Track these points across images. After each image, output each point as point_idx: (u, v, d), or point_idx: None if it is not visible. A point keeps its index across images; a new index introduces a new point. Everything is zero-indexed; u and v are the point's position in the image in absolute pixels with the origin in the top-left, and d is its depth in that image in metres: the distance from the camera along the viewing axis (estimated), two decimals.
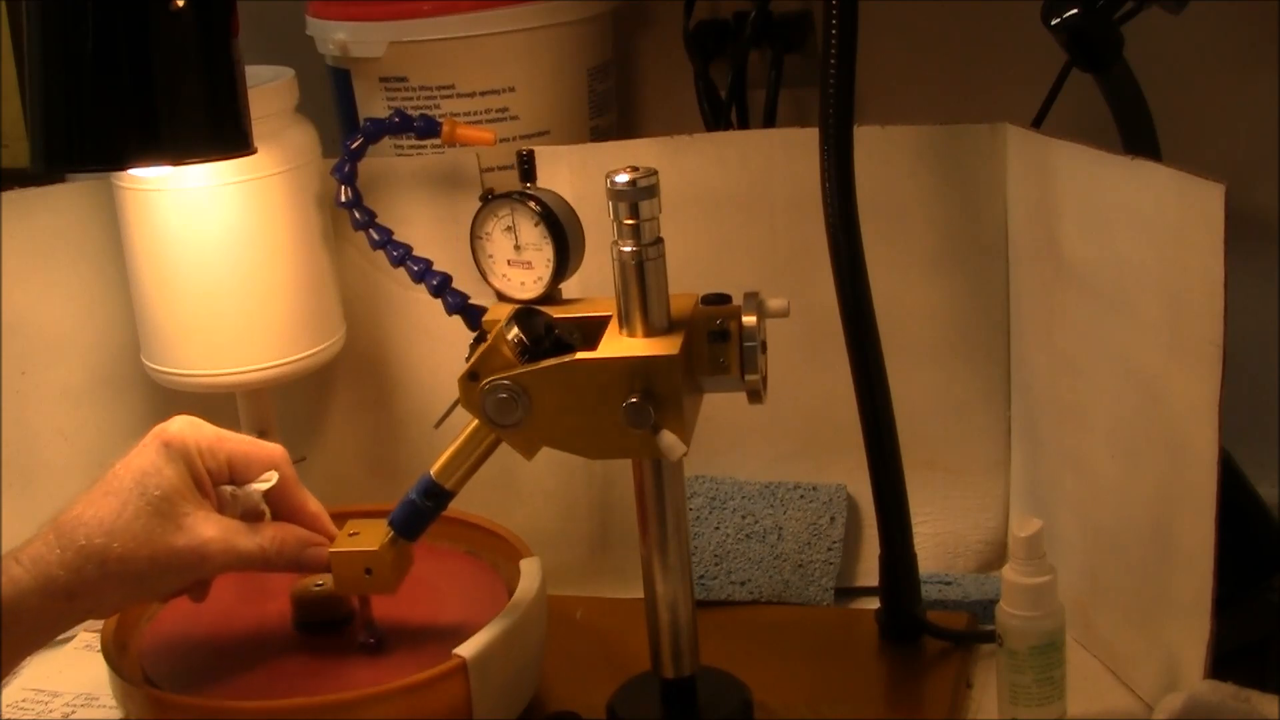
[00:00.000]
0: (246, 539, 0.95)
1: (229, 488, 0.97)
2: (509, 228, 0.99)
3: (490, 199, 1.00)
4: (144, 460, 0.93)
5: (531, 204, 0.98)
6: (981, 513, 1.18)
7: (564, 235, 0.98)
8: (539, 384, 0.90)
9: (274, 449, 0.99)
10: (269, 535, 0.96)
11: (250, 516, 0.98)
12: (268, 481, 0.98)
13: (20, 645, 0.90)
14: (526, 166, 1.00)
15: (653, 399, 0.89)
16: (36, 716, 1.11)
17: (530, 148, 1.01)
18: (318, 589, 1.09)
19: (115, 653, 1.03)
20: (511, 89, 1.21)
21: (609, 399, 0.90)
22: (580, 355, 0.91)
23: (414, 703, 0.94)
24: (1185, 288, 0.90)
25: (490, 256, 1.00)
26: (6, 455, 1.19)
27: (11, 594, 0.87)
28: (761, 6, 1.29)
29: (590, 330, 0.95)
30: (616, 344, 0.92)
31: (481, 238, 1.00)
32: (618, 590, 1.16)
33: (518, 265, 0.99)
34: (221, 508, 0.96)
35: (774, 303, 0.93)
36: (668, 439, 0.89)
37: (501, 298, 1.01)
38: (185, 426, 0.95)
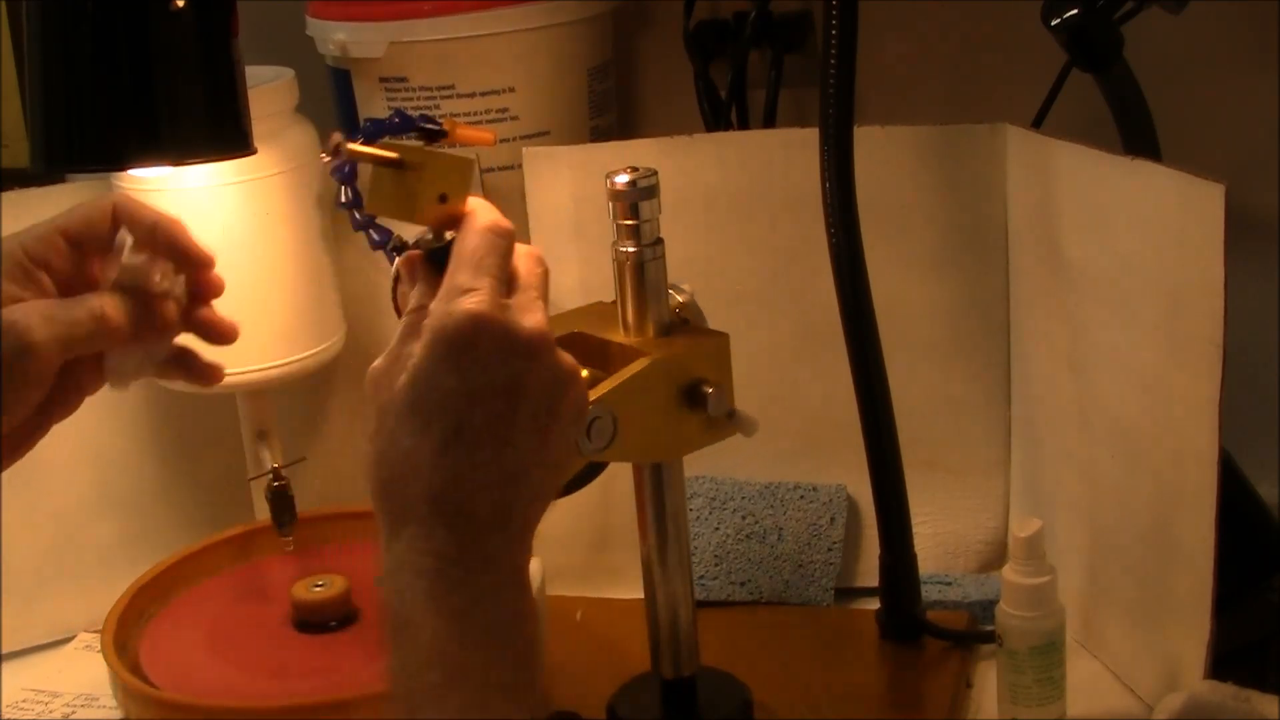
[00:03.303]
0: (71, 308, 0.80)
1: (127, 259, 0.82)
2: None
3: (406, 248, 0.96)
4: None
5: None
6: (981, 513, 1.18)
7: None
8: (625, 396, 0.87)
9: (96, 201, 0.85)
10: (101, 296, 0.81)
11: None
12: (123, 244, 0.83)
13: None
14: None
15: (715, 384, 0.90)
16: (36, 717, 1.11)
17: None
18: (318, 589, 1.10)
19: (115, 653, 1.03)
20: (511, 89, 1.21)
21: (673, 397, 0.89)
22: (651, 356, 0.89)
23: None
24: (1185, 288, 0.90)
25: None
26: None
27: None
28: (761, 6, 1.29)
29: (589, 347, 0.94)
30: (655, 344, 0.91)
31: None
32: (618, 590, 1.15)
33: None
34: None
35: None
36: (745, 416, 0.90)
37: None
38: (9, 236, 0.84)
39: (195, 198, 1.09)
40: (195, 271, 0.87)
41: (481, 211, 0.77)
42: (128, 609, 1.10)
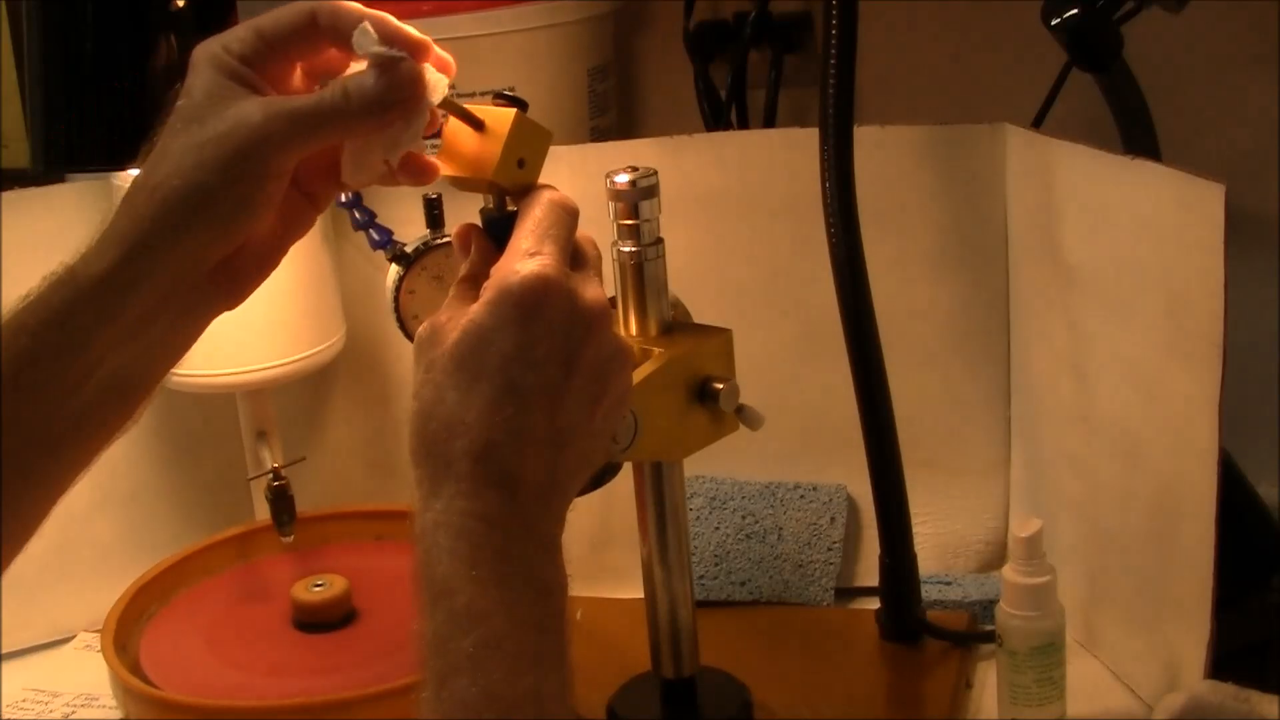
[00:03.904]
0: (302, 97, 0.73)
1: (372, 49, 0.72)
2: (437, 277, 0.95)
3: (409, 255, 0.95)
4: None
5: None
6: (981, 513, 1.18)
7: None
8: (643, 396, 0.87)
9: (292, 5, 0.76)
10: (334, 82, 0.73)
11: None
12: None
13: (97, 318, 0.73)
14: (436, 213, 0.96)
15: (727, 380, 0.90)
16: (36, 717, 1.11)
17: (439, 192, 0.95)
18: (318, 589, 1.10)
19: (115, 653, 1.03)
20: (511, 89, 1.21)
21: (683, 395, 0.89)
22: (669, 354, 0.88)
23: (414, 703, 0.94)
24: (1185, 288, 0.90)
25: (415, 317, 0.96)
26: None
27: (76, 266, 0.74)
28: (761, 7, 1.29)
29: None
30: (660, 342, 0.91)
31: (407, 296, 0.95)
32: (618, 590, 1.15)
33: None
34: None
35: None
36: (752, 410, 0.90)
37: None
38: (206, 41, 0.76)
39: None
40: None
41: (547, 188, 0.77)
42: (128, 609, 1.10)
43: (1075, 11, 1.02)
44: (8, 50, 1.30)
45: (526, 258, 0.71)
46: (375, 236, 1.14)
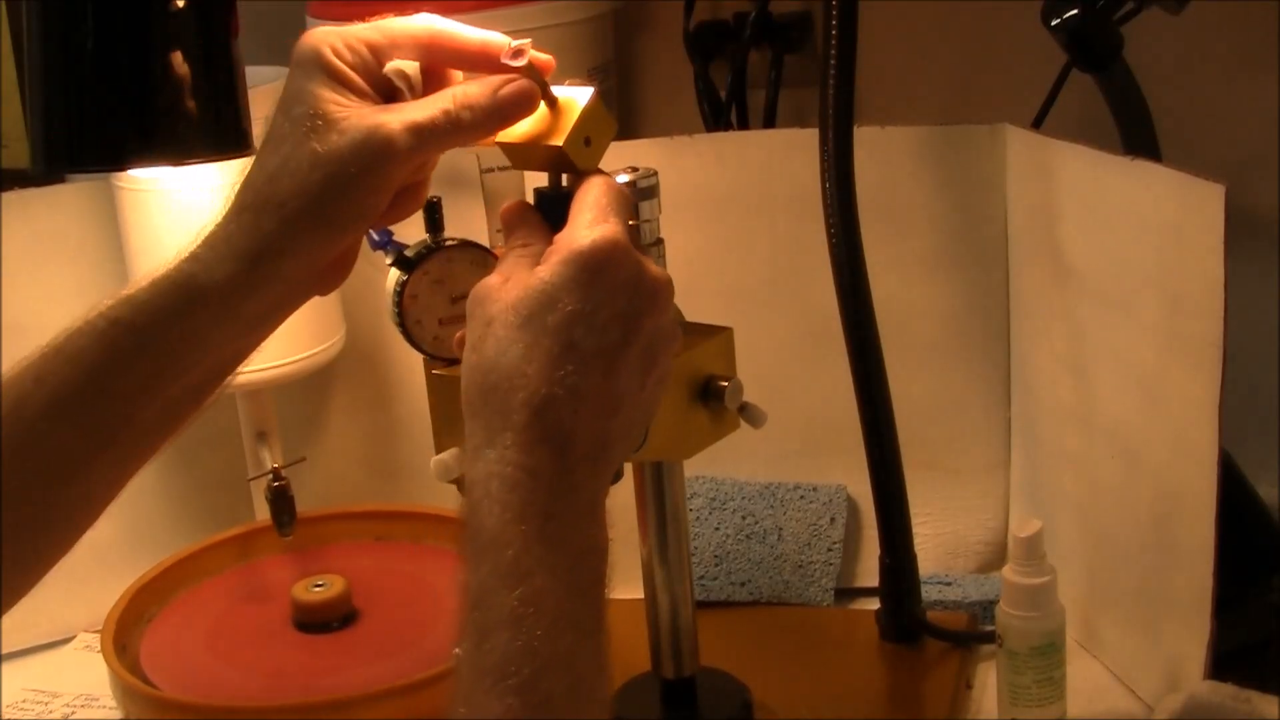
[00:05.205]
0: (420, 109, 0.77)
1: (393, 65, 0.79)
2: (438, 281, 0.95)
3: (411, 258, 0.94)
4: (283, 92, 0.79)
5: (474, 250, 0.93)
6: (981, 513, 1.18)
7: None
8: None
9: (416, 20, 0.81)
10: (446, 95, 0.77)
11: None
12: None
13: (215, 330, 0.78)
14: (435, 216, 0.96)
15: (730, 378, 0.89)
16: (36, 717, 1.11)
17: (439, 195, 0.95)
18: (318, 589, 1.10)
19: (115, 653, 1.03)
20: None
21: (685, 394, 0.89)
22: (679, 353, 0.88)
23: (414, 703, 0.94)
24: (1185, 288, 0.90)
25: (419, 322, 0.96)
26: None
27: (196, 272, 0.77)
28: (761, 7, 1.29)
29: None
30: None
31: (410, 300, 0.95)
32: (618, 590, 1.14)
33: (451, 322, 0.93)
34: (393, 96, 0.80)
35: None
36: (754, 408, 0.90)
37: (435, 359, 0.94)
38: (312, 34, 0.80)
39: (194, 198, 1.09)
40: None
41: (605, 173, 0.78)
42: (128, 609, 1.10)
43: (1075, 11, 1.02)
44: (8, 50, 1.30)
45: (594, 225, 0.73)
46: (375, 237, 1.13)
